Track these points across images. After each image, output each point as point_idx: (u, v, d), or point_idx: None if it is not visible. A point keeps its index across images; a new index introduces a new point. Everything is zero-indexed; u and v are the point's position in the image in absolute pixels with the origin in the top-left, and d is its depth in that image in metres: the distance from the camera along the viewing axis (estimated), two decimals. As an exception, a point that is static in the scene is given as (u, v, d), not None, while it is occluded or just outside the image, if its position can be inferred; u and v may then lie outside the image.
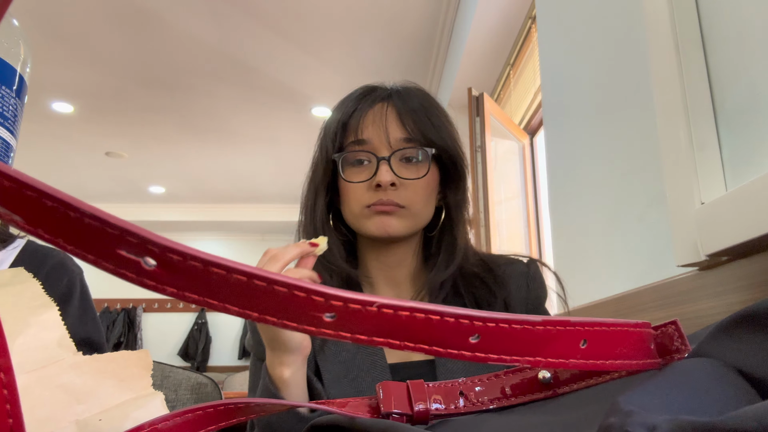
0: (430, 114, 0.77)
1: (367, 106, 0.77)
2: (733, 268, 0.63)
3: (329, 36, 3.10)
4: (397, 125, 0.75)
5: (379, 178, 0.72)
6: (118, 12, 2.87)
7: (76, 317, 0.76)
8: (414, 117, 0.75)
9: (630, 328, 0.26)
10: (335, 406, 0.32)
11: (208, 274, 0.17)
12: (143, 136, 4.54)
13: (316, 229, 0.77)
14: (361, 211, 0.74)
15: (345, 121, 0.77)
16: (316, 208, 0.78)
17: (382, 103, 0.77)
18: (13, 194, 0.16)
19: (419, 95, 0.79)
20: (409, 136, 0.74)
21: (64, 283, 0.76)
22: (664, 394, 0.20)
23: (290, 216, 6.28)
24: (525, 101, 2.35)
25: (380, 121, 0.75)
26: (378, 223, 0.73)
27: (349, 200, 0.75)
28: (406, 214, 0.74)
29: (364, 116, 0.76)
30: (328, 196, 0.79)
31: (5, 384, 0.16)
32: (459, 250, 0.78)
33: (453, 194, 0.80)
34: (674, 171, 0.72)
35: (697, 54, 0.72)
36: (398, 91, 0.79)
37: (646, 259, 0.90)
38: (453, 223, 0.80)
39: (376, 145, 0.74)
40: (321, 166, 0.78)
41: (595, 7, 1.15)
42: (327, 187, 0.78)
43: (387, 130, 0.74)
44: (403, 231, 0.74)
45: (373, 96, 0.78)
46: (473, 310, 0.21)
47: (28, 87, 0.34)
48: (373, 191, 0.73)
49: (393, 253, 0.79)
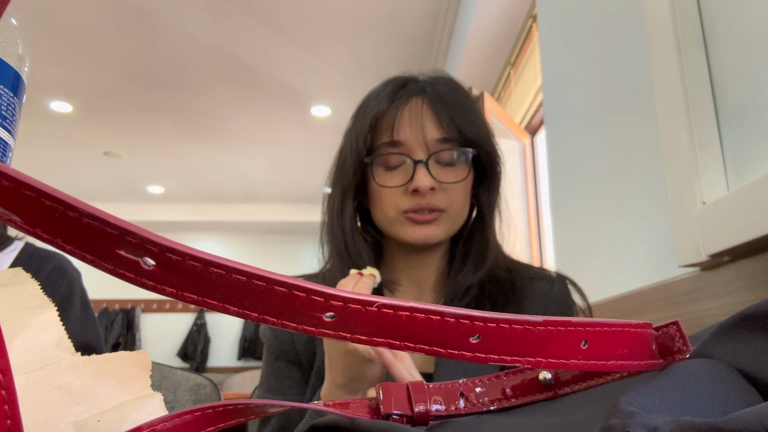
0: (467, 109, 0.72)
1: (402, 103, 0.71)
2: (735, 269, 0.63)
3: (329, 35, 3.10)
4: (434, 124, 0.70)
5: (416, 183, 0.68)
6: (118, 11, 2.87)
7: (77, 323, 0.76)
8: (450, 113, 0.70)
9: (631, 328, 0.26)
10: (335, 407, 0.32)
11: (208, 274, 0.17)
12: (142, 136, 4.54)
13: (344, 233, 0.73)
14: (397, 217, 0.70)
15: (378, 119, 0.72)
16: (344, 212, 0.74)
17: (417, 99, 0.71)
18: (12, 194, 0.16)
19: (453, 87, 0.74)
20: (447, 136, 0.70)
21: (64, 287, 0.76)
22: (665, 395, 0.20)
23: (289, 216, 6.29)
24: (526, 100, 2.35)
25: (416, 121, 0.70)
26: (417, 231, 0.70)
27: (383, 205, 0.71)
28: (445, 219, 0.71)
29: (399, 115, 0.70)
30: (357, 199, 0.75)
31: (3, 385, 0.16)
32: (491, 254, 0.74)
33: (486, 193, 0.76)
34: (676, 171, 0.72)
35: (698, 53, 0.72)
36: (431, 84, 0.73)
37: (647, 259, 0.90)
38: (485, 222, 0.76)
39: (411, 146, 0.70)
40: (350, 168, 0.73)
41: (597, 6, 1.15)
42: (356, 190, 0.74)
43: (423, 130, 0.69)
44: (441, 237, 0.71)
45: (406, 91, 0.72)
46: (474, 310, 0.21)
47: (26, 86, 0.34)
48: (409, 195, 0.69)
49: (422, 256, 0.75)
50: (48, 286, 0.75)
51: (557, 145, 1.43)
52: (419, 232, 0.70)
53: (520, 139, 2.41)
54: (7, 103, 0.31)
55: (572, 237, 1.31)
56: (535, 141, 2.41)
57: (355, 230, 0.74)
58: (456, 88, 0.75)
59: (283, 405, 0.28)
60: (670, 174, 0.74)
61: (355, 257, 0.72)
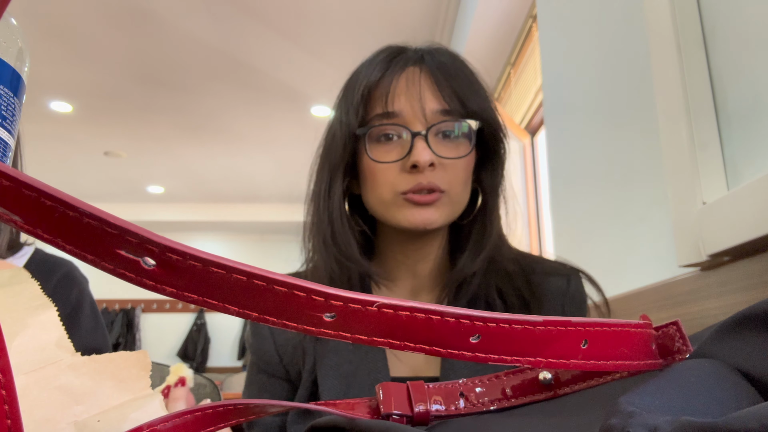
0: (470, 80, 0.66)
1: (398, 70, 0.64)
2: (735, 269, 0.63)
3: (329, 35, 3.10)
4: (433, 94, 0.63)
5: (415, 157, 0.61)
6: (118, 11, 2.87)
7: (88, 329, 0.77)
8: (452, 83, 0.64)
9: (631, 328, 0.26)
10: (335, 407, 0.32)
11: (208, 274, 0.17)
12: (142, 136, 4.54)
13: (332, 218, 0.65)
14: (394, 199, 0.63)
15: (370, 89, 0.64)
16: (332, 194, 0.66)
17: (414, 68, 0.65)
18: (12, 194, 0.16)
19: (453, 57, 0.68)
20: (448, 107, 0.63)
21: (74, 294, 0.77)
22: (665, 395, 0.20)
23: (289, 216, 6.26)
24: (526, 100, 2.35)
25: (414, 90, 0.63)
26: (416, 214, 0.62)
27: (377, 184, 0.64)
28: (445, 202, 0.63)
29: (394, 83, 0.64)
30: (347, 179, 0.67)
31: (4, 385, 0.16)
32: (490, 239, 0.67)
33: (489, 176, 0.69)
34: (676, 170, 0.72)
35: (698, 53, 0.72)
36: (430, 53, 0.67)
37: (647, 259, 0.90)
38: (487, 209, 0.68)
39: (408, 118, 0.63)
40: (339, 143, 0.65)
41: (597, 6, 1.15)
42: (346, 168, 0.66)
43: (422, 100, 0.63)
44: (440, 222, 0.64)
45: (402, 59, 0.66)
46: (474, 310, 0.21)
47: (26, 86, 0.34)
48: (407, 173, 0.62)
49: (420, 245, 0.68)
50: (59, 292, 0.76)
51: (557, 145, 1.43)
52: (418, 216, 0.62)
53: (520, 139, 2.41)
54: (7, 103, 0.31)
55: (572, 237, 1.31)
56: (535, 141, 2.41)
57: (344, 215, 0.66)
58: (456, 58, 0.68)
59: (282, 405, 0.28)
60: (670, 174, 0.74)
61: (344, 246, 0.65)
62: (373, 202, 0.66)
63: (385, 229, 0.69)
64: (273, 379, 0.69)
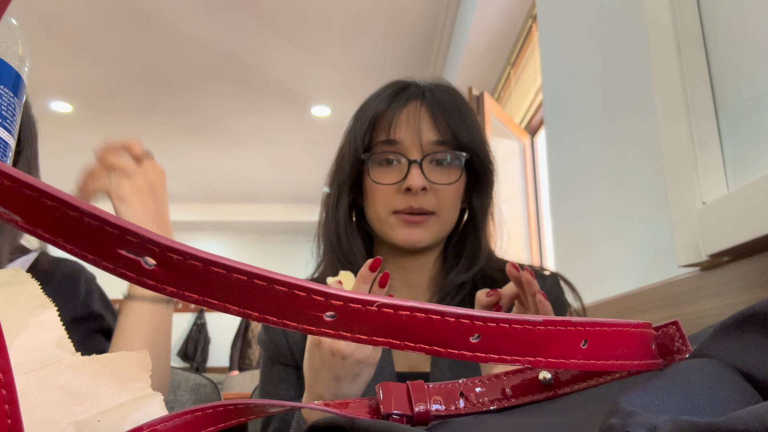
0: (463, 116, 0.75)
1: (401, 105, 0.74)
2: (735, 269, 0.63)
3: (329, 35, 3.10)
4: (430, 127, 0.73)
5: (409, 182, 0.70)
6: (118, 11, 2.87)
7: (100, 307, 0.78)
8: (447, 118, 0.73)
9: (631, 328, 0.26)
10: (335, 406, 0.32)
11: (209, 274, 0.17)
12: (142, 136, 4.48)
13: (338, 227, 0.75)
14: (388, 217, 0.72)
15: (376, 118, 0.74)
16: (339, 207, 0.76)
17: (416, 102, 0.74)
18: (13, 194, 0.16)
19: (452, 94, 0.77)
20: (442, 138, 0.72)
21: (82, 284, 0.79)
22: (665, 395, 0.20)
23: (289, 216, 6.28)
24: (526, 100, 2.35)
25: (413, 122, 0.73)
26: (406, 234, 0.72)
27: (375, 202, 0.73)
28: (434, 222, 0.72)
29: (397, 115, 0.73)
30: (352, 194, 0.77)
31: (4, 384, 0.16)
32: (483, 254, 0.76)
33: (479, 198, 0.78)
34: (676, 170, 0.72)
35: (698, 53, 0.72)
36: (431, 90, 0.76)
37: (647, 259, 0.90)
38: (478, 227, 0.78)
39: (407, 146, 0.72)
40: (347, 164, 0.75)
41: (597, 6, 1.15)
42: (351, 185, 0.77)
43: (420, 131, 0.72)
44: (430, 241, 0.73)
45: (406, 94, 0.75)
46: (474, 309, 0.21)
47: (26, 86, 0.34)
48: (402, 195, 0.71)
49: (414, 258, 0.77)
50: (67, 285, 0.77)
51: (557, 145, 1.43)
52: (407, 235, 0.71)
53: (520, 139, 2.41)
54: (7, 103, 0.31)
55: (572, 237, 1.31)
56: (535, 141, 2.41)
57: (348, 225, 0.76)
58: (455, 96, 0.77)
59: (282, 405, 0.28)
60: (670, 174, 0.74)
61: (348, 252, 0.74)
62: (372, 217, 0.75)
63: (383, 243, 0.78)
64: (289, 368, 0.74)
